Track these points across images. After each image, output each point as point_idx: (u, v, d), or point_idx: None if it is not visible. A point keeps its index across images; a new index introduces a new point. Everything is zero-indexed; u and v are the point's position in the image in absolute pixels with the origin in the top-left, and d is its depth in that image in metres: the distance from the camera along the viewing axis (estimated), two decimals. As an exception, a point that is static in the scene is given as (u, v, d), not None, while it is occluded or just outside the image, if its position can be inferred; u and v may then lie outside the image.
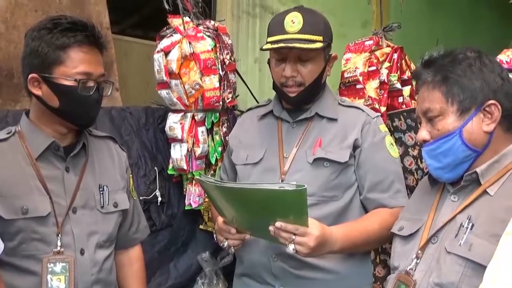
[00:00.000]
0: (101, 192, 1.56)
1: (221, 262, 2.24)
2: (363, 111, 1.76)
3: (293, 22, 1.65)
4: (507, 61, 1.84)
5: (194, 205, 2.18)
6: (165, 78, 2.05)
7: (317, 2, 3.11)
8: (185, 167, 2.12)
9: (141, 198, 2.07)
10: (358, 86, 2.15)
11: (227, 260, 2.23)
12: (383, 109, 2.14)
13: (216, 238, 1.68)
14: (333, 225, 1.59)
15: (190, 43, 2.08)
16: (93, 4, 2.40)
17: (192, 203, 2.18)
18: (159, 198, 2.18)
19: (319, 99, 1.76)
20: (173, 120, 2.12)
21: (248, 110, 1.98)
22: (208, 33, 2.16)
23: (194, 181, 2.17)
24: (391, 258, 1.47)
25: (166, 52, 2.06)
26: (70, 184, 1.51)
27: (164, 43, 2.08)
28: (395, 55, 2.22)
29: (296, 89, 1.70)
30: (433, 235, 1.33)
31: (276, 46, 1.65)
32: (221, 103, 2.14)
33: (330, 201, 1.67)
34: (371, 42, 2.23)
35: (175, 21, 2.14)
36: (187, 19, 2.16)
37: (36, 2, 2.22)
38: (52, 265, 1.43)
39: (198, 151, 2.12)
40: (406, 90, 2.24)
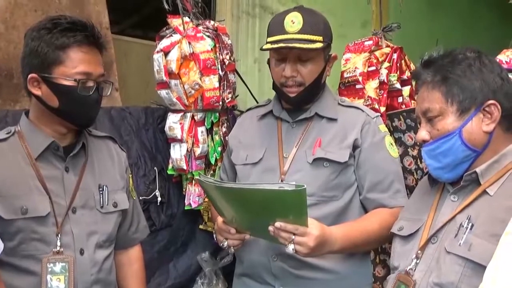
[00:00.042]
0: (101, 192, 1.56)
1: (220, 262, 2.24)
2: (363, 111, 1.76)
3: (293, 22, 1.65)
4: (506, 61, 1.84)
5: (193, 205, 2.18)
6: (164, 78, 2.05)
7: (317, 2, 3.11)
8: (185, 167, 2.11)
9: (140, 198, 2.06)
10: (357, 86, 2.15)
11: (226, 260, 2.23)
12: (383, 109, 2.14)
13: (216, 238, 1.68)
14: (333, 225, 1.59)
15: (189, 43, 2.08)
16: (93, 4, 2.40)
17: (191, 203, 2.18)
18: (159, 198, 2.18)
19: (319, 99, 1.76)
20: (172, 120, 2.12)
21: (247, 110, 1.98)
22: (207, 33, 2.16)
23: (193, 181, 2.17)
24: (391, 258, 1.47)
25: (166, 52, 2.06)
26: (69, 184, 1.50)
27: (164, 43, 2.07)
28: (395, 55, 2.22)
29: (296, 89, 1.70)
30: (433, 235, 1.33)
31: (276, 46, 1.65)
32: (220, 103, 2.14)
33: (329, 201, 1.67)
34: (370, 42, 2.23)
35: (175, 21, 2.14)
36: (186, 19, 2.16)
37: (36, 2, 2.22)
38: (51, 265, 1.43)
39: (198, 151, 2.12)
40: (406, 90, 2.24)
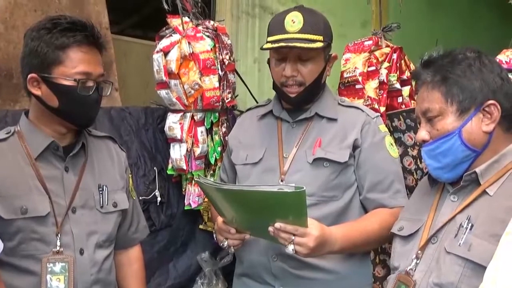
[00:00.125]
0: (101, 192, 1.56)
1: (220, 262, 2.24)
2: (363, 111, 1.76)
3: (293, 21, 1.65)
4: (506, 61, 1.84)
5: (193, 205, 2.18)
6: (164, 78, 2.05)
7: (317, 2, 3.11)
8: (185, 167, 2.11)
9: (140, 198, 2.06)
10: (357, 86, 2.15)
11: (226, 260, 2.22)
12: (383, 109, 2.14)
13: (216, 238, 1.68)
14: (333, 225, 1.59)
15: (189, 43, 2.08)
16: (93, 4, 2.40)
17: (191, 203, 2.18)
18: (159, 198, 2.17)
19: (319, 99, 1.76)
20: (172, 120, 2.12)
21: (247, 110, 1.98)
22: (207, 33, 2.16)
23: (193, 181, 2.17)
24: (391, 258, 1.47)
25: (166, 52, 2.06)
26: (69, 184, 1.50)
27: (164, 43, 2.07)
28: (395, 55, 2.22)
29: (296, 89, 1.70)
30: (432, 235, 1.33)
31: (277, 45, 1.65)
32: (220, 103, 2.14)
33: (329, 201, 1.67)
34: (370, 42, 2.23)
35: (175, 21, 2.13)
36: (186, 19, 2.16)
37: (36, 2, 2.22)
38: (51, 265, 1.43)
39: (198, 151, 2.12)
40: (406, 90, 2.24)
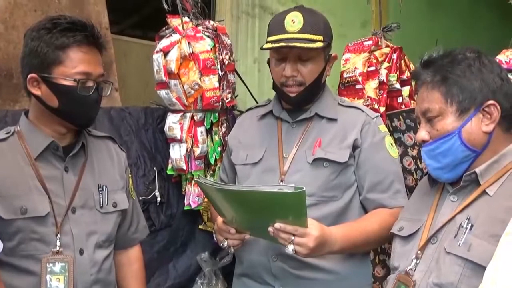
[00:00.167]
0: (100, 192, 1.56)
1: (220, 262, 2.24)
2: (363, 111, 1.76)
3: (293, 21, 1.65)
4: (506, 62, 1.84)
5: (193, 205, 2.18)
6: (164, 78, 2.05)
7: (316, 2, 3.11)
8: (184, 167, 2.11)
9: (140, 198, 2.06)
10: (357, 86, 2.15)
11: (226, 260, 2.22)
12: (382, 109, 2.14)
13: (216, 238, 1.68)
14: (333, 225, 1.59)
15: (189, 43, 2.08)
16: (93, 4, 2.40)
17: (191, 203, 2.18)
18: (158, 198, 2.18)
19: (319, 99, 1.76)
20: (172, 120, 2.12)
21: (247, 110, 1.98)
22: (207, 33, 2.16)
23: (193, 181, 2.17)
24: (391, 258, 1.47)
25: (165, 52, 2.06)
26: (69, 184, 1.50)
27: (163, 43, 2.07)
28: (394, 55, 2.22)
29: (296, 89, 1.70)
30: (432, 235, 1.33)
31: (277, 45, 1.65)
32: (220, 103, 2.14)
33: (329, 201, 1.67)
34: (370, 42, 2.23)
35: (174, 21, 2.13)
36: (186, 19, 2.16)
37: (35, 2, 2.22)
38: (51, 265, 1.43)
39: (197, 151, 2.12)
40: (405, 90, 2.24)
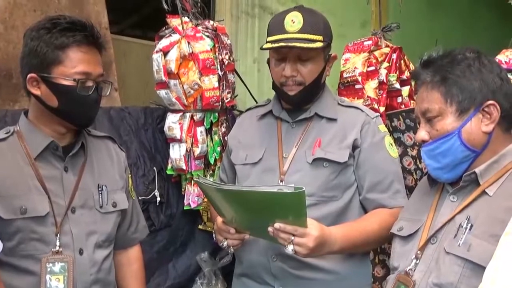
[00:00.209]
0: (100, 192, 1.56)
1: (220, 262, 2.24)
2: (363, 111, 1.76)
3: (293, 21, 1.65)
4: (506, 62, 1.84)
5: (193, 205, 2.18)
6: (164, 78, 2.05)
7: (316, 2, 3.11)
8: (184, 167, 2.11)
9: (140, 198, 2.06)
10: (357, 86, 2.15)
11: (226, 260, 2.23)
12: (382, 109, 2.14)
13: (216, 238, 1.68)
14: (333, 225, 1.59)
15: (189, 43, 2.08)
16: (92, 4, 2.40)
17: (191, 203, 2.18)
18: (158, 198, 2.17)
19: (319, 99, 1.76)
20: (172, 120, 2.12)
21: (247, 110, 1.98)
22: (207, 33, 2.16)
23: (193, 181, 2.17)
24: (390, 258, 1.47)
25: (165, 52, 2.06)
26: (69, 184, 1.50)
27: (163, 43, 2.07)
28: (394, 55, 2.22)
29: (296, 88, 1.69)
30: (432, 235, 1.33)
31: (276, 45, 1.65)
32: (220, 103, 2.14)
33: (329, 201, 1.67)
34: (370, 42, 2.23)
35: (174, 21, 2.13)
36: (186, 19, 2.16)
37: (35, 2, 2.22)
38: (51, 265, 1.43)
39: (197, 151, 2.12)
40: (405, 90, 2.24)
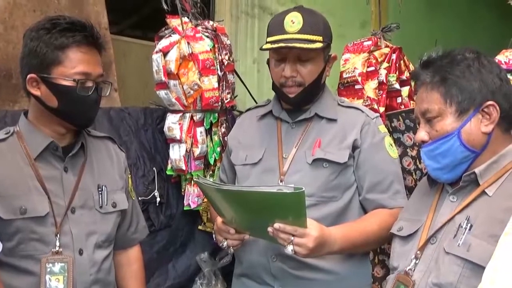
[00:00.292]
0: (100, 192, 1.56)
1: (219, 262, 2.24)
2: (363, 111, 1.76)
3: (293, 22, 1.65)
4: (505, 62, 1.84)
5: (192, 206, 2.18)
6: (163, 78, 2.05)
7: (316, 2, 3.11)
8: (184, 168, 2.11)
9: (139, 198, 2.06)
10: (356, 87, 2.15)
11: (225, 260, 2.23)
12: (382, 109, 2.14)
13: (215, 238, 1.68)
14: (332, 226, 1.59)
15: (188, 43, 2.08)
16: (92, 4, 2.40)
17: (190, 203, 2.18)
18: (158, 199, 2.17)
19: (319, 99, 1.76)
20: (171, 120, 2.12)
21: (247, 110, 1.98)
22: (206, 34, 2.16)
23: (192, 182, 2.17)
24: (390, 258, 1.47)
25: (165, 53, 2.06)
26: (68, 184, 1.50)
27: (163, 43, 2.07)
28: (394, 56, 2.22)
29: (296, 89, 1.70)
30: (432, 235, 1.33)
31: (276, 46, 1.65)
32: (219, 103, 2.14)
33: (329, 202, 1.67)
34: (369, 42, 2.23)
35: (174, 22, 2.13)
36: (185, 19, 2.16)
37: (35, 2, 2.22)
38: (50, 265, 1.43)
39: (197, 151, 2.12)
40: (405, 90, 2.24)
